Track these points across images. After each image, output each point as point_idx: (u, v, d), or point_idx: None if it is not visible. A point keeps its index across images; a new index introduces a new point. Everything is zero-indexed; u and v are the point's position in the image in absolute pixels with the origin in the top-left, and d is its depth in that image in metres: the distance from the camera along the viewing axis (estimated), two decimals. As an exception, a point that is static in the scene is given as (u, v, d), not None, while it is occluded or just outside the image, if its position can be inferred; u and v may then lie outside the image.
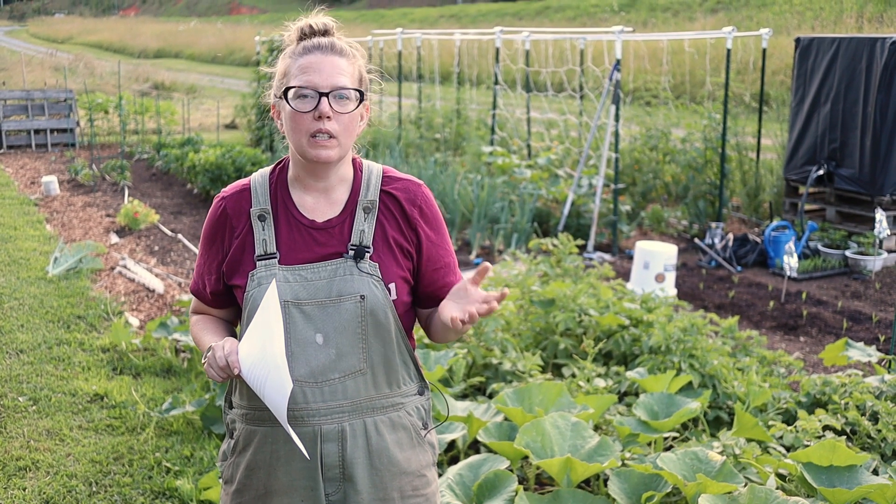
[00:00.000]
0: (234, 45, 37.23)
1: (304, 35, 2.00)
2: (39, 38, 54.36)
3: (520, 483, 3.65)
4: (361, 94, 1.98)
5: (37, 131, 14.69)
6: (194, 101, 20.99)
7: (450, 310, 1.90)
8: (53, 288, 6.86)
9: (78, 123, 14.99)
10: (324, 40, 1.98)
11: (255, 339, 1.89)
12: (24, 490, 3.87)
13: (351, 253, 1.99)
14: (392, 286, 2.01)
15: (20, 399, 4.80)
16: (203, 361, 1.96)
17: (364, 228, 2.01)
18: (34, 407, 4.72)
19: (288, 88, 1.94)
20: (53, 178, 11.11)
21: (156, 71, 27.79)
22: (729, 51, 8.65)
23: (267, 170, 2.10)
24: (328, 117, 1.92)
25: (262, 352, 1.85)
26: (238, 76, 28.00)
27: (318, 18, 2.02)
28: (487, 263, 1.88)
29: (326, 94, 1.92)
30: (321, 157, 1.94)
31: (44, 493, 3.84)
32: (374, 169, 2.09)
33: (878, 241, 7.16)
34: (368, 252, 1.99)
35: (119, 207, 9.78)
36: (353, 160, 2.09)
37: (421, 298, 2.12)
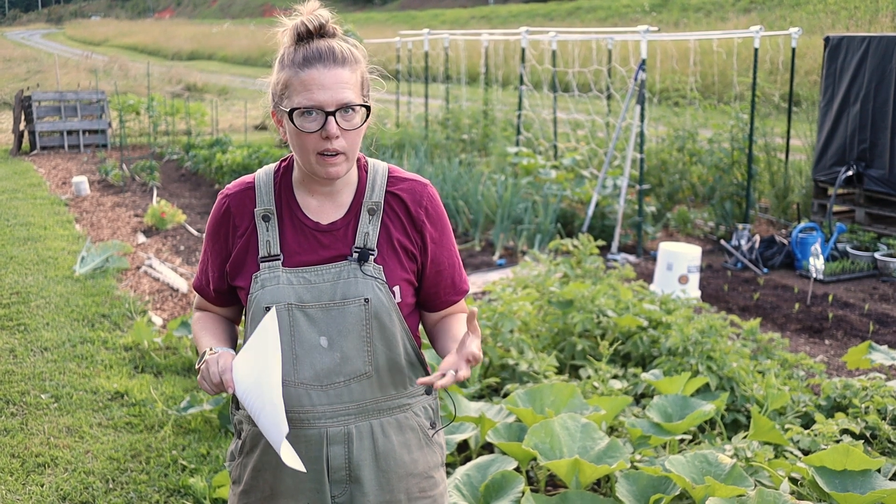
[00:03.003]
0: (266, 47, 37.34)
1: (301, 36, 1.90)
2: (76, 40, 55.17)
3: (530, 484, 3.64)
4: (368, 108, 1.92)
5: (69, 132, 14.89)
6: (225, 103, 21.19)
7: (444, 364, 1.86)
8: (80, 287, 6.95)
9: (110, 124, 15.19)
10: (323, 47, 1.88)
11: (251, 365, 1.84)
12: (41, 486, 3.92)
13: (355, 255, 1.96)
14: (396, 289, 1.98)
15: (42, 396, 4.87)
16: (196, 367, 1.95)
17: (368, 231, 1.98)
18: (56, 404, 4.78)
19: (293, 110, 1.86)
20: (84, 178, 11.26)
21: (188, 72, 28.08)
22: (756, 50, 8.56)
23: (272, 167, 2.06)
24: (336, 136, 1.86)
25: (258, 384, 1.81)
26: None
27: (313, 14, 1.91)
28: (475, 309, 1.85)
29: (333, 113, 1.85)
30: (331, 174, 1.90)
31: (61, 489, 3.89)
32: (379, 169, 2.05)
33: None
34: (373, 255, 1.97)
35: (147, 207, 9.89)
36: (358, 159, 2.05)
37: (424, 300, 2.10)
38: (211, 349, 1.96)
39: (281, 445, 1.80)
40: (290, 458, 1.82)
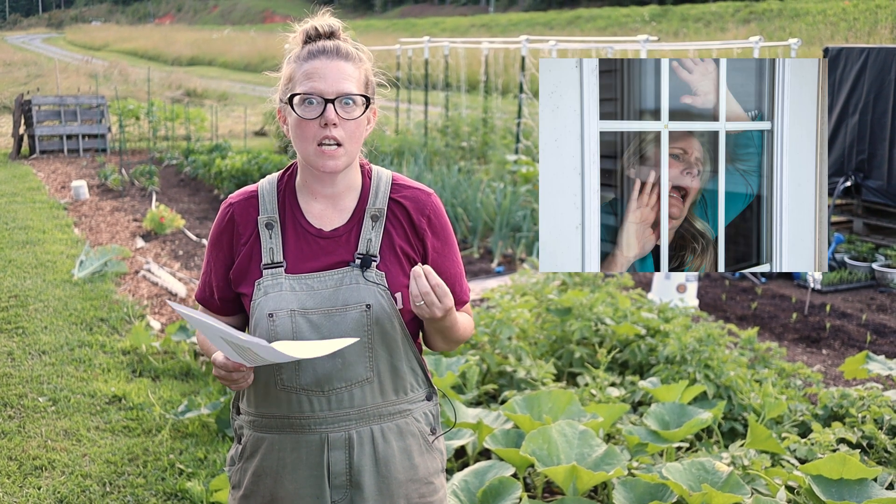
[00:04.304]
0: (266, 53, 37.57)
1: (310, 38, 1.96)
2: (76, 45, 55.21)
3: (527, 491, 3.65)
4: (368, 99, 1.95)
5: (69, 137, 14.90)
6: (225, 109, 21.22)
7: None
8: (78, 291, 6.95)
9: (109, 129, 15.20)
10: (329, 44, 1.94)
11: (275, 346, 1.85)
12: (38, 489, 3.92)
13: (357, 262, 1.97)
14: (398, 295, 1.99)
15: (40, 399, 4.87)
16: (214, 376, 1.95)
17: (371, 237, 1.99)
18: (53, 407, 4.78)
19: (293, 95, 1.91)
20: (83, 182, 11.26)
21: (188, 78, 28.10)
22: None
23: (275, 176, 2.08)
24: (334, 124, 1.89)
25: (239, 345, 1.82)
26: (269, 84, 28.21)
27: (324, 20, 1.97)
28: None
29: (332, 101, 1.89)
30: (328, 167, 1.92)
31: (58, 492, 3.89)
32: (383, 176, 2.06)
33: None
34: (375, 261, 1.98)
35: (146, 212, 9.89)
36: (362, 166, 2.06)
37: None
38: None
39: (285, 353, 1.78)
40: (311, 347, 1.83)
